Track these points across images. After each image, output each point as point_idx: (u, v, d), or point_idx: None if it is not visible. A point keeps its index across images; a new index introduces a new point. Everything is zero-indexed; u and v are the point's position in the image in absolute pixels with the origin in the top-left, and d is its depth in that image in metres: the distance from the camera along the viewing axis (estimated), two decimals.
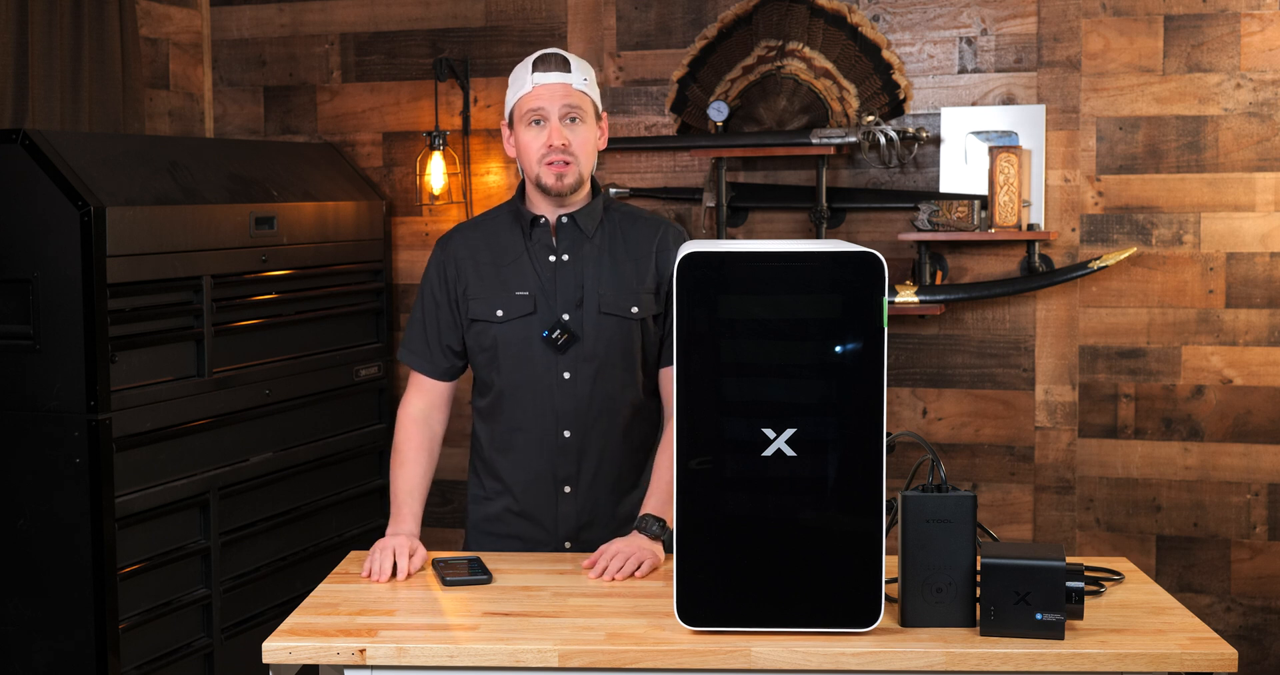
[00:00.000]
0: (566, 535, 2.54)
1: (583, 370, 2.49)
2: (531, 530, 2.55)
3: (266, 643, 1.99)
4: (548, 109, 2.44)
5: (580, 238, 2.52)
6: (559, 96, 2.44)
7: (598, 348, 2.48)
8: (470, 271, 2.53)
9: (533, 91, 2.45)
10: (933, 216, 3.75)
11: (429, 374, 2.59)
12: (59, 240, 3.05)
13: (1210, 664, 1.91)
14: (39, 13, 3.54)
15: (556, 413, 2.50)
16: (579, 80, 2.46)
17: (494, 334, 2.51)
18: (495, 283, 2.52)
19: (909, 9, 3.90)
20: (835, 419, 1.94)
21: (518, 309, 2.49)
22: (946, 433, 3.94)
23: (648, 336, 2.52)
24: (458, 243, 2.58)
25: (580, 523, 2.53)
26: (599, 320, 2.48)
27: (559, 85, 2.44)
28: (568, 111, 2.45)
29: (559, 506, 2.53)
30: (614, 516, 2.54)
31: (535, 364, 2.49)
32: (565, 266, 2.50)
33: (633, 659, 1.94)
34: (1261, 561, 3.75)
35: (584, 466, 2.51)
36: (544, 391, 2.50)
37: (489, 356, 2.53)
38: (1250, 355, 3.72)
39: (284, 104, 4.39)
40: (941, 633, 1.98)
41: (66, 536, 3.07)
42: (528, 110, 2.45)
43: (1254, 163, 3.69)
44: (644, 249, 2.53)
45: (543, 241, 2.52)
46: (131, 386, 3.17)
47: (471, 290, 2.53)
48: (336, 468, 3.94)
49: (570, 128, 2.45)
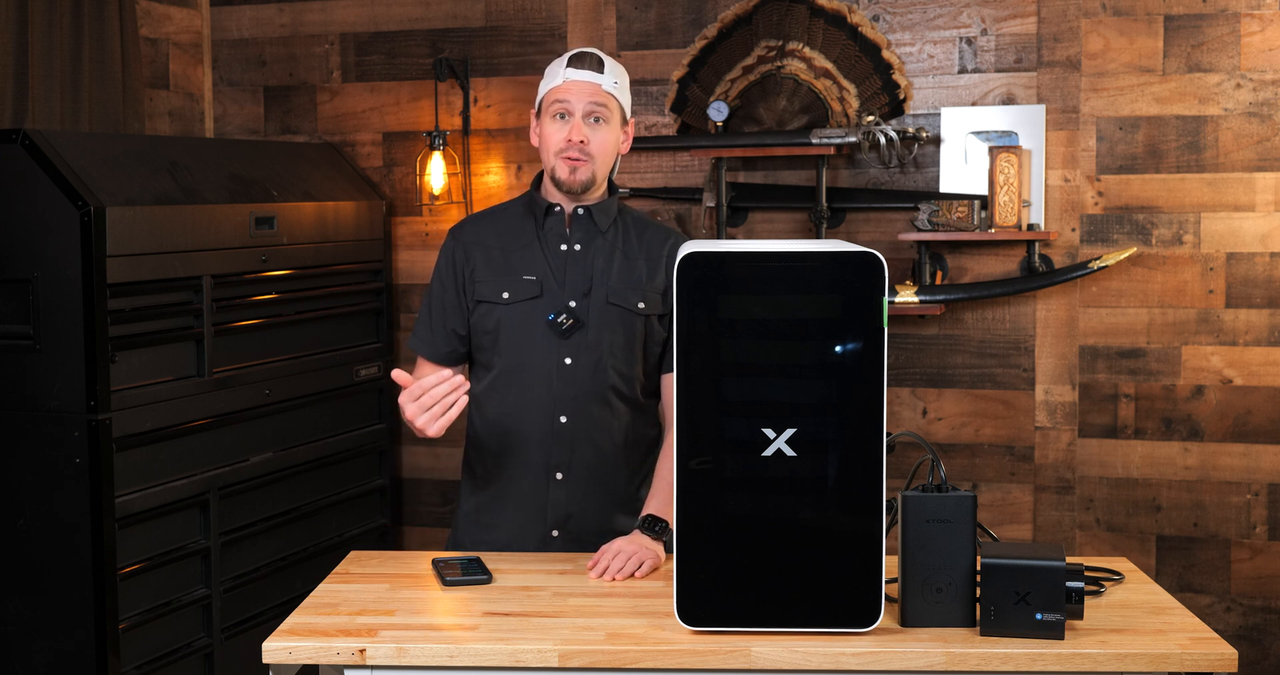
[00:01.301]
0: (554, 523, 2.54)
1: (584, 358, 2.51)
2: (519, 517, 2.55)
3: (266, 643, 1.99)
4: (573, 104, 2.48)
5: (594, 230, 2.55)
6: (586, 94, 2.48)
7: (601, 337, 2.51)
8: (479, 256, 2.58)
9: (563, 85, 2.50)
10: (933, 216, 3.75)
11: (429, 356, 2.62)
12: (59, 240, 3.05)
13: (1210, 664, 1.91)
14: (39, 13, 3.54)
15: (554, 397, 2.51)
16: (609, 82, 2.51)
17: (498, 316, 2.53)
18: (503, 267, 2.55)
19: (909, 9, 3.90)
20: (835, 419, 1.94)
21: (524, 292, 2.52)
22: (946, 433, 3.94)
23: (651, 334, 2.54)
24: (469, 229, 2.63)
25: (568, 511, 2.54)
26: (605, 310, 2.51)
27: (588, 84, 2.49)
28: (593, 110, 2.49)
29: (549, 492, 2.53)
30: (601, 508, 2.55)
31: (536, 348, 2.52)
32: (576, 256, 2.54)
33: (633, 659, 1.94)
34: (1261, 561, 3.75)
35: (576, 454, 2.52)
36: (543, 376, 2.51)
37: (491, 338, 2.55)
38: (1250, 355, 3.72)
39: (284, 104, 4.39)
40: (941, 633, 1.98)
41: (66, 536, 3.07)
42: (554, 101, 2.50)
43: (1254, 163, 3.69)
44: (656, 252, 2.57)
45: (556, 230, 2.56)
46: (131, 386, 3.17)
47: (479, 274, 2.57)
48: (336, 468, 3.94)
49: (592, 127, 2.50)
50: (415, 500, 4.34)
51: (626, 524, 2.55)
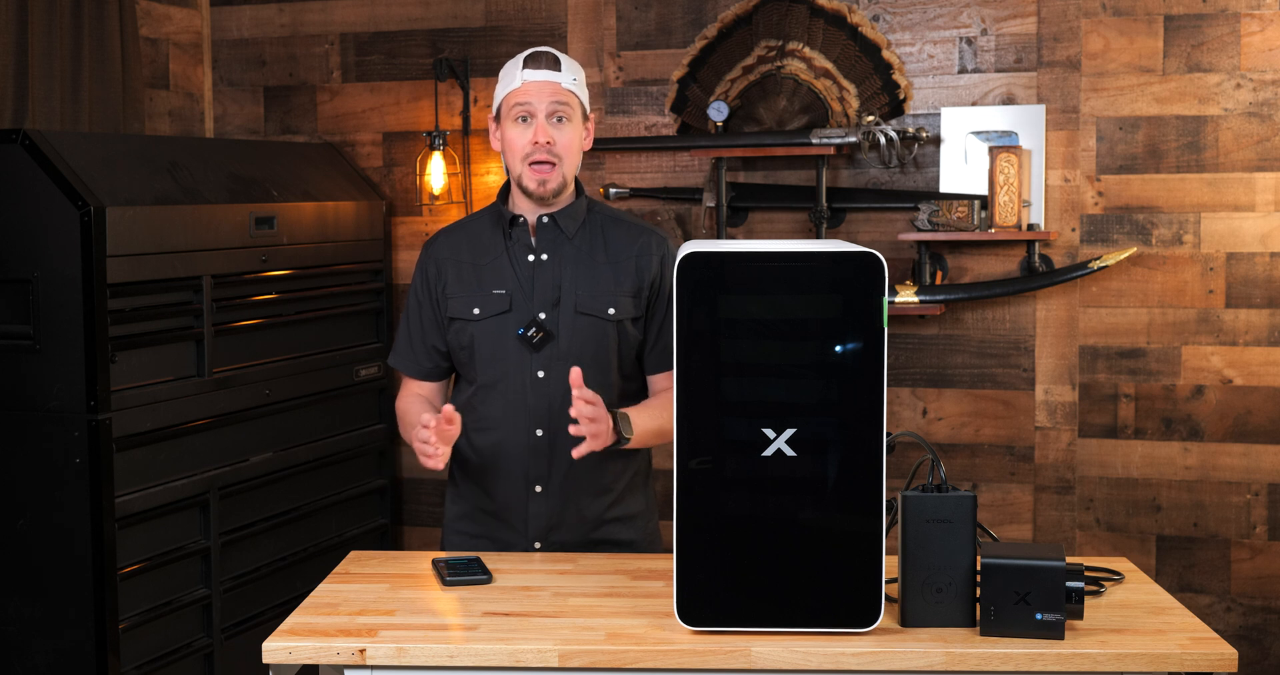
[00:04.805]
0: (536, 535, 2.53)
1: (557, 369, 2.49)
2: (501, 530, 2.55)
3: (266, 643, 1.99)
4: (535, 106, 2.46)
5: (560, 238, 2.53)
6: (547, 94, 2.46)
7: (573, 347, 2.49)
8: (450, 271, 2.56)
9: (521, 87, 2.47)
10: (933, 216, 3.75)
11: (413, 374, 2.63)
12: (59, 240, 3.05)
13: (1210, 664, 1.91)
14: (39, 13, 3.54)
15: (530, 411, 2.50)
16: (568, 79, 2.48)
17: (471, 332, 2.52)
18: (473, 281, 2.54)
19: (909, 9, 3.90)
20: (835, 419, 1.94)
21: (493, 307, 2.51)
22: (946, 433, 3.94)
23: (625, 339, 2.52)
24: (440, 244, 2.61)
25: (550, 523, 2.53)
26: (575, 320, 2.49)
27: (547, 83, 2.46)
28: (555, 109, 2.46)
29: (529, 506, 2.53)
30: (584, 518, 2.54)
31: (509, 362, 2.50)
32: (544, 266, 2.51)
33: (633, 659, 1.94)
34: (1261, 561, 3.75)
35: (555, 466, 2.51)
36: (518, 389, 2.50)
37: (467, 354, 2.55)
38: (1250, 355, 3.72)
39: (284, 104, 4.39)
40: (941, 633, 1.98)
41: (66, 536, 3.07)
42: (515, 104, 2.47)
43: (1254, 163, 3.69)
44: (624, 253, 2.53)
45: (522, 241, 2.53)
46: (131, 386, 3.17)
47: (450, 289, 2.55)
48: (336, 468, 3.94)
49: (556, 127, 2.47)
50: (415, 500, 4.35)
51: (610, 535, 2.54)
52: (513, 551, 2.52)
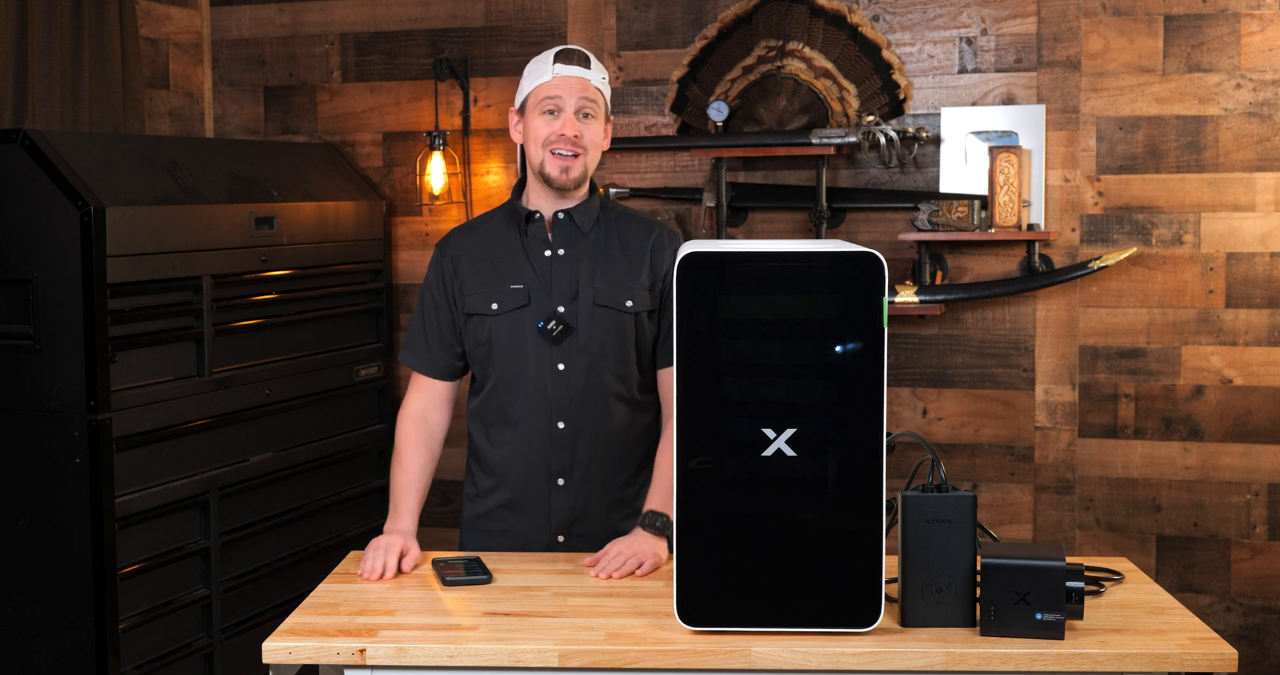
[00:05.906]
0: (559, 528, 2.54)
1: (577, 362, 2.51)
2: (524, 524, 2.56)
3: (266, 643, 1.99)
4: (564, 100, 2.49)
5: (576, 233, 2.55)
6: (577, 90, 2.49)
7: (592, 340, 2.51)
8: (467, 269, 2.57)
9: (552, 81, 2.50)
10: (933, 216, 3.75)
11: (427, 372, 2.62)
12: (59, 240, 3.05)
13: (1210, 664, 1.91)
14: (39, 13, 3.54)
15: (550, 404, 2.52)
16: (597, 78, 2.53)
17: (489, 327, 2.54)
18: (490, 278, 2.55)
19: (909, 9, 3.90)
20: (835, 419, 1.94)
21: (512, 302, 2.52)
22: (946, 433, 3.94)
23: (642, 332, 2.54)
24: (455, 243, 2.63)
25: (573, 516, 2.54)
26: (594, 313, 2.51)
27: (578, 79, 2.50)
28: (583, 106, 2.49)
29: (552, 500, 2.54)
30: (606, 510, 2.55)
31: (529, 356, 2.52)
32: (561, 261, 2.53)
33: (633, 659, 1.94)
34: (1261, 561, 3.75)
35: (577, 458, 2.53)
36: (538, 383, 2.52)
37: (485, 350, 2.55)
38: (1250, 355, 3.72)
39: (284, 104, 4.39)
40: (941, 633, 1.98)
41: (66, 536, 3.07)
42: (544, 98, 2.50)
43: (1254, 163, 3.69)
44: (638, 246, 2.56)
45: (539, 236, 2.55)
46: (131, 386, 3.17)
47: (468, 286, 2.57)
48: (336, 468, 3.94)
49: (583, 122, 2.50)
50: None
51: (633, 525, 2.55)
52: (535, 546, 2.54)
